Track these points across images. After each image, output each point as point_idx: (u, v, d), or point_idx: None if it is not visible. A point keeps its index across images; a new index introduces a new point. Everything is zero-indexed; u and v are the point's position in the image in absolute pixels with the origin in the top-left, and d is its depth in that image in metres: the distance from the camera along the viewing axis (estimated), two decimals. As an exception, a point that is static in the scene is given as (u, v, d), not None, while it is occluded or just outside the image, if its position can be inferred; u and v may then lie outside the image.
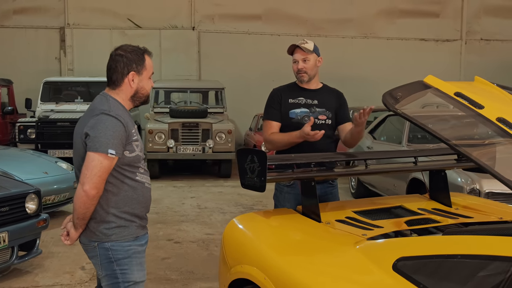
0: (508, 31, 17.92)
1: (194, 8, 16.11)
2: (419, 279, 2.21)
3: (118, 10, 15.64)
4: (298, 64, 3.85)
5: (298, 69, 3.85)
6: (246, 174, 3.08)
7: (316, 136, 3.59)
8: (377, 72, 16.37)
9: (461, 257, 2.20)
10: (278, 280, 2.55)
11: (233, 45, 16.12)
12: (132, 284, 2.77)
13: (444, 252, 2.30)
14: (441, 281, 2.18)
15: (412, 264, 2.32)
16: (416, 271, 2.26)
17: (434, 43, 17.76)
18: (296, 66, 3.86)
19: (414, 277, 2.23)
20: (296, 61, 3.86)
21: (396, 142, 7.86)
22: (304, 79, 3.86)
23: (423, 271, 2.26)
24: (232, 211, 8.12)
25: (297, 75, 3.89)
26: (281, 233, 3.09)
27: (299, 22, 16.64)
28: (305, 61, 3.83)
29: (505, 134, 2.40)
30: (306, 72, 3.84)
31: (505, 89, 2.94)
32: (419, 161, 3.63)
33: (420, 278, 2.21)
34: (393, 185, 7.17)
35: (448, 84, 2.77)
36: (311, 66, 3.84)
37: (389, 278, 2.30)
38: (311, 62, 3.84)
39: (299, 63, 3.84)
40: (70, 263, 5.54)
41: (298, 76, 3.88)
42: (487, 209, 3.46)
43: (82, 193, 2.63)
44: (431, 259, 2.29)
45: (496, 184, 5.48)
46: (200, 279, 5.07)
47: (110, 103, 2.76)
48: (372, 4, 17.04)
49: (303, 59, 3.83)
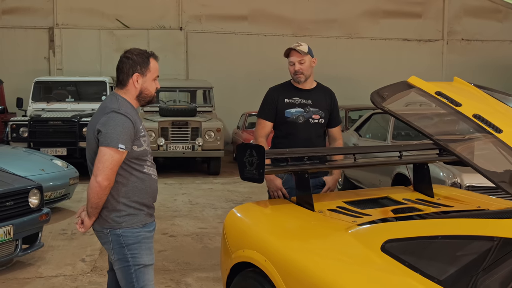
0: (488, 32, 18.37)
1: (182, 9, 16.32)
2: (405, 258, 2.46)
3: (106, 10, 15.80)
4: (294, 66, 4.10)
5: (295, 70, 4.10)
6: (245, 167, 3.34)
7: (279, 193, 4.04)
8: (361, 72, 16.69)
9: (442, 237, 2.48)
10: (278, 262, 2.81)
11: (220, 45, 16.36)
12: (142, 267, 3.02)
13: (427, 234, 2.57)
14: (425, 260, 2.43)
15: (398, 245, 2.57)
16: (402, 251, 2.52)
17: (417, 43, 18.14)
18: (293, 68, 4.11)
19: (401, 256, 2.49)
20: (293, 63, 4.11)
21: (381, 139, 8.16)
22: (301, 80, 4.12)
23: (408, 251, 2.52)
24: (223, 207, 8.37)
25: (294, 76, 4.14)
26: (278, 220, 3.35)
27: (285, 23, 16.91)
28: (301, 62, 4.09)
29: (480, 129, 2.69)
30: (302, 73, 4.10)
31: (481, 88, 3.24)
32: (404, 155, 3.91)
33: (406, 258, 2.47)
34: (378, 180, 7.47)
35: (430, 84, 3.06)
36: (306, 67, 4.10)
37: (378, 258, 2.56)
38: (306, 63, 4.10)
39: (296, 65, 4.09)
40: (70, 255, 5.76)
41: (295, 77, 4.14)
42: (466, 199, 3.75)
43: (96, 184, 2.88)
44: (415, 240, 2.56)
45: (476, 178, 5.80)
46: (196, 270, 5.32)
47: (120, 102, 3.01)
48: (356, 5, 17.35)
49: (299, 61, 4.08)
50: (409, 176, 4.07)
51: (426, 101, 3.04)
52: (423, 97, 3.05)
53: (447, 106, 2.88)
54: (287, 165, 3.57)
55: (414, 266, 2.41)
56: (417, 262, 2.41)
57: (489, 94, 3.20)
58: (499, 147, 2.62)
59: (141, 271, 3.00)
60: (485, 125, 2.67)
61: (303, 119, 4.16)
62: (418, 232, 2.61)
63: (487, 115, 2.75)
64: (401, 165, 4.18)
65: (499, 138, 2.60)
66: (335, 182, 4.24)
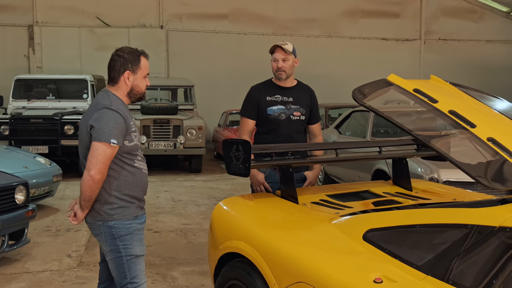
0: (464, 32, 18.73)
1: (162, 7, 16.36)
2: (386, 246, 2.60)
3: (86, 8, 15.76)
4: (278, 63, 4.23)
5: (278, 67, 4.23)
6: (232, 161, 3.46)
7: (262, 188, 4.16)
8: (341, 70, 16.90)
9: (420, 226, 2.62)
10: (264, 251, 2.94)
11: (200, 44, 16.44)
12: (133, 257, 3.13)
13: (406, 223, 2.72)
14: (404, 247, 2.57)
15: (379, 234, 2.72)
16: (383, 240, 2.66)
17: (395, 43, 18.42)
18: (276, 65, 4.24)
19: (382, 245, 2.63)
20: (276, 59, 4.23)
21: (361, 136, 8.33)
22: (282, 77, 4.25)
23: (388, 239, 2.65)
24: (206, 203, 8.48)
25: (275, 73, 4.27)
26: (264, 212, 3.48)
27: (265, 22, 17.05)
28: (284, 60, 4.22)
29: (456, 125, 2.85)
30: (284, 71, 4.23)
31: (457, 86, 3.41)
32: (383, 151, 4.06)
33: (386, 246, 2.60)
34: (358, 176, 7.64)
35: (408, 82, 3.21)
36: (289, 66, 4.24)
37: (360, 247, 2.70)
38: (289, 62, 4.23)
39: (279, 62, 4.22)
40: (56, 251, 5.83)
41: (277, 74, 4.26)
42: (443, 192, 3.92)
43: (89, 178, 2.98)
44: (395, 229, 2.71)
45: (453, 173, 6.00)
46: (181, 264, 5.43)
47: (111, 99, 3.11)
48: (335, 5, 17.55)
49: (283, 59, 4.22)
50: (388, 171, 4.22)
51: (404, 98, 3.19)
52: (402, 94, 3.20)
53: (424, 102, 3.04)
54: (271, 159, 3.70)
55: (394, 253, 2.55)
56: (397, 249, 2.56)
57: (464, 92, 3.37)
58: (473, 141, 2.78)
59: (132, 262, 3.11)
60: (460, 120, 2.83)
61: (285, 116, 4.29)
62: (398, 222, 2.75)
63: (462, 111, 2.91)
64: (380, 160, 4.32)
65: (473, 133, 2.76)
66: (316, 176, 4.38)
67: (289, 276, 2.73)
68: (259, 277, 2.94)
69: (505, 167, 2.58)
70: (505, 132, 2.83)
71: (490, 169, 2.61)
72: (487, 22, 18.94)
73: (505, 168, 2.58)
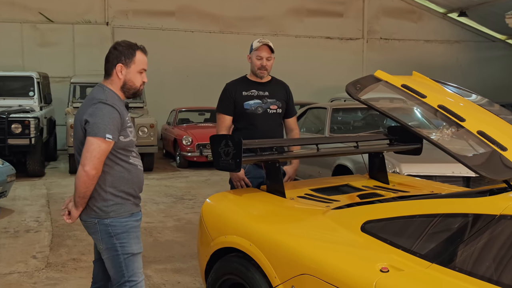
0: (404, 31, 19.32)
1: (108, 4, 16.03)
2: (386, 237, 2.69)
3: (28, 3, 15.23)
4: (262, 61, 4.26)
5: (262, 65, 4.27)
6: (221, 157, 3.46)
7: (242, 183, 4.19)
8: (287, 68, 16.93)
9: (419, 216, 2.72)
10: (263, 245, 2.96)
11: (147, 41, 15.81)
12: (130, 255, 3.08)
13: (404, 214, 2.80)
14: (405, 237, 2.64)
15: (378, 225, 2.78)
16: (383, 231, 2.73)
17: (339, 41, 18.77)
18: (260, 63, 4.27)
19: (382, 235, 2.71)
20: (261, 58, 4.27)
21: (316, 133, 8.46)
22: (263, 75, 4.31)
23: (388, 230, 2.73)
24: (164, 201, 8.40)
25: (257, 71, 4.30)
26: (256, 206, 3.49)
27: (212, 19, 17.01)
28: (268, 59, 4.28)
29: (446, 118, 2.97)
30: (266, 69, 4.29)
31: (437, 82, 3.55)
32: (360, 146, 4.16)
33: (387, 236, 2.69)
34: (318, 172, 7.76)
35: (395, 78, 3.32)
36: (271, 65, 4.31)
37: (360, 238, 2.77)
38: (272, 61, 4.32)
39: (263, 60, 4.26)
40: (19, 253, 5.64)
41: (259, 72, 4.30)
42: (417, 185, 4.06)
43: (83, 173, 2.91)
44: (394, 220, 2.79)
45: (413, 168, 6.20)
46: (152, 262, 5.37)
47: (107, 93, 3.06)
48: (281, 3, 17.71)
49: (267, 58, 4.27)
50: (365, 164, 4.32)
51: (394, 93, 3.29)
52: (391, 89, 3.30)
53: (413, 97, 3.15)
54: (257, 155, 3.72)
55: (395, 243, 2.63)
56: (398, 240, 2.63)
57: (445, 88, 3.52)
58: (464, 134, 2.91)
59: (130, 260, 3.05)
60: (450, 115, 2.95)
61: (262, 110, 4.34)
62: (395, 213, 2.82)
63: (450, 105, 3.03)
64: (358, 154, 4.42)
65: (463, 126, 2.88)
66: (295, 171, 4.44)
67: (291, 269, 2.75)
68: (257, 271, 2.95)
69: (497, 158, 2.71)
70: (491, 125, 2.97)
71: (487, 161, 2.73)
72: (425, 22, 19.60)
73: (498, 159, 2.71)
